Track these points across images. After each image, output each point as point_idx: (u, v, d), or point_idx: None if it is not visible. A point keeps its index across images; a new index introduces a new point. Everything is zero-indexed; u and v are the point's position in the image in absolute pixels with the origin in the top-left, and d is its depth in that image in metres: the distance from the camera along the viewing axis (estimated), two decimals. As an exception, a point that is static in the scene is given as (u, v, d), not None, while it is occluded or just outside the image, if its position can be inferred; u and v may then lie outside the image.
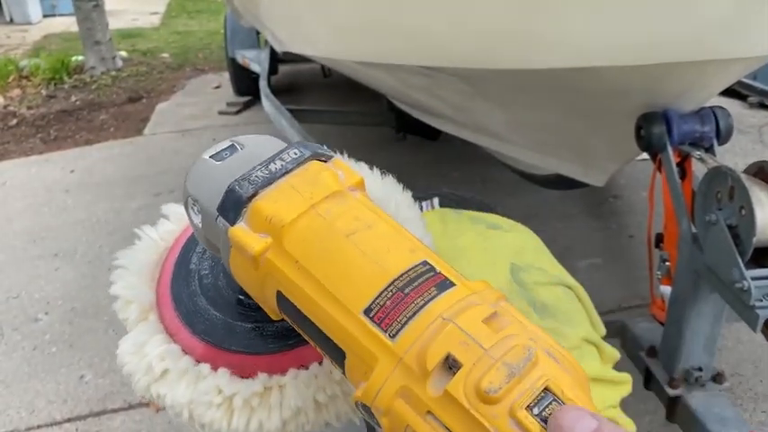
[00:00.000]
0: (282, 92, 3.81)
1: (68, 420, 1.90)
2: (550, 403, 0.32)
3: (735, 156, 3.22)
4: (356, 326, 0.36)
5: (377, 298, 0.36)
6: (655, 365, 1.47)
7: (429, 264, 0.38)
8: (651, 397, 1.48)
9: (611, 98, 1.34)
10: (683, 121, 1.31)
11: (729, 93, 3.37)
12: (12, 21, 8.22)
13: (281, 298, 0.41)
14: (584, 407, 0.32)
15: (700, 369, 1.39)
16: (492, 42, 1.22)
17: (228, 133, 4.36)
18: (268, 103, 3.32)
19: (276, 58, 4.16)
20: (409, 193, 0.58)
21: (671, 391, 1.39)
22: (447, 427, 0.32)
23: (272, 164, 0.42)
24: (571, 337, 0.95)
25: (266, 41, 4.12)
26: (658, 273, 1.57)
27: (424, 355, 0.33)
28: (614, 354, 1.03)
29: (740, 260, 1.10)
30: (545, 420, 0.31)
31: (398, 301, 0.35)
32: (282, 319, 0.48)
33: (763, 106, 3.81)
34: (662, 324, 1.58)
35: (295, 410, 0.47)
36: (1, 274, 2.68)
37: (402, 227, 0.41)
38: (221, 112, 4.54)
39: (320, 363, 0.49)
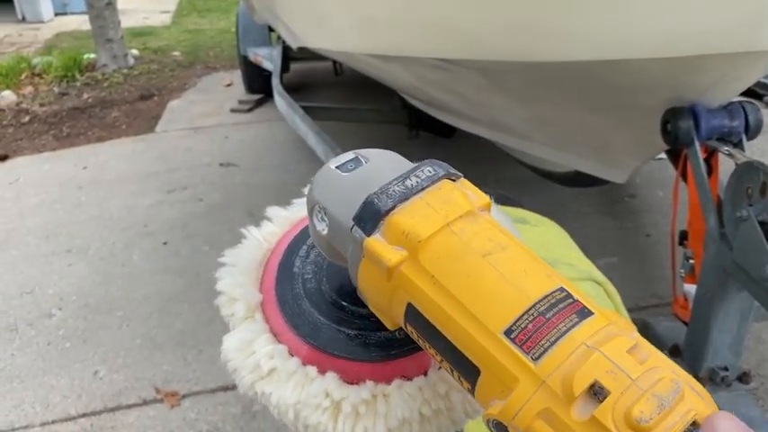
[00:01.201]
0: (294, 90, 3.79)
1: (83, 416, 1.90)
2: None
3: (752, 156, 3.19)
4: (496, 345, 0.37)
5: (518, 320, 0.37)
6: (679, 365, 1.45)
7: (566, 290, 0.38)
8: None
9: (637, 92, 1.31)
10: (712, 116, 1.28)
11: (745, 92, 3.34)
12: (24, 19, 8.27)
13: (411, 311, 0.42)
14: None
15: (726, 369, 1.36)
16: (518, 34, 1.20)
17: (241, 131, 4.37)
18: (281, 99, 3.31)
19: (289, 56, 4.16)
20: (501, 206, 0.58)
21: (696, 391, 1.37)
22: None
23: (407, 180, 0.43)
24: (601, 333, 0.93)
25: (279, 38, 4.12)
26: (681, 271, 1.54)
27: (570, 380, 0.34)
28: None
29: (772, 257, 1.08)
30: None
31: (540, 325, 0.37)
32: (384, 329, 0.49)
33: (780, 105, 3.76)
34: (685, 323, 1.56)
35: (401, 421, 0.48)
36: (14, 269, 2.68)
37: (532, 250, 0.42)
38: (233, 110, 4.53)
39: (425, 375, 0.49)
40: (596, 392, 0.33)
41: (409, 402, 0.48)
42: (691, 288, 1.49)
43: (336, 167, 0.47)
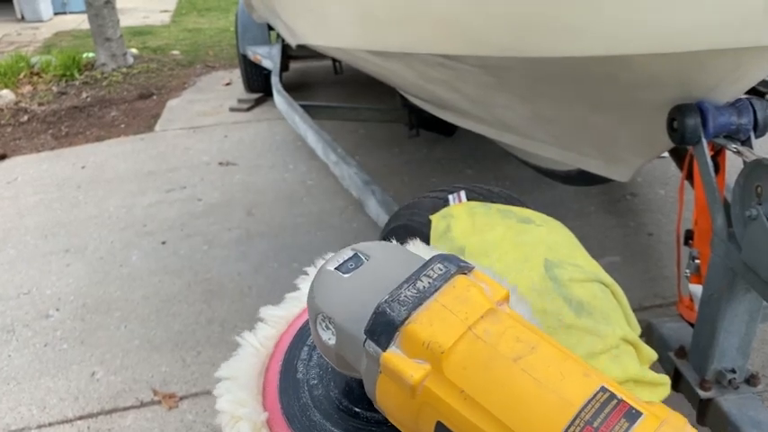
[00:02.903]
0: (293, 89, 3.77)
1: (80, 418, 1.88)
2: None
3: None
4: None
5: None
6: (684, 367, 1.42)
7: (608, 390, 0.36)
8: (680, 399, 1.44)
9: (644, 89, 1.29)
10: (719, 113, 1.26)
11: (748, 91, 3.32)
12: (23, 18, 8.24)
13: (441, 429, 0.38)
14: None
15: (733, 371, 1.34)
16: (522, 30, 1.17)
17: (240, 130, 4.35)
18: (280, 98, 3.29)
19: (288, 54, 4.14)
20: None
21: (702, 394, 1.34)
22: None
23: (418, 281, 0.40)
24: (609, 336, 0.91)
25: (278, 37, 4.10)
26: (687, 271, 1.52)
27: None
28: (652, 354, 0.98)
29: (783, 257, 1.06)
30: None
31: None
32: None
33: (783, 104, 3.73)
34: (690, 324, 1.53)
35: None
36: (12, 269, 2.66)
37: (560, 344, 0.39)
38: (232, 109, 4.51)
39: None
40: None
41: None
42: (696, 288, 1.46)
43: (336, 269, 0.44)
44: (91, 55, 5.78)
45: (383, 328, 0.39)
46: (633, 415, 0.35)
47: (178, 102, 4.86)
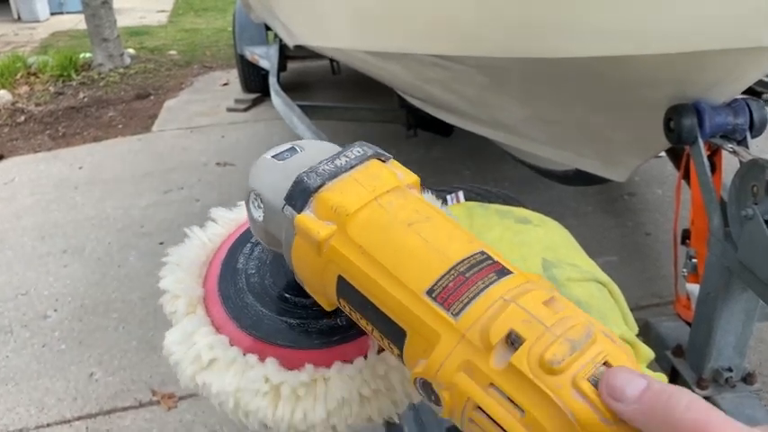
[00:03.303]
0: (290, 89, 3.77)
1: (78, 419, 1.87)
2: None
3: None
4: (419, 306, 0.38)
5: (439, 280, 0.39)
6: (682, 365, 1.43)
7: (486, 253, 0.40)
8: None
9: (640, 89, 1.29)
10: (716, 113, 1.26)
11: (744, 90, 3.34)
12: (20, 18, 8.23)
13: (342, 283, 0.43)
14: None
15: (730, 369, 1.34)
16: (519, 30, 1.18)
17: (238, 130, 4.35)
18: (278, 98, 3.29)
19: (285, 55, 4.13)
20: (431, 192, 0.60)
21: (699, 392, 1.35)
22: (509, 398, 0.34)
23: (337, 159, 0.45)
24: (606, 335, 0.91)
25: (275, 37, 4.10)
26: (684, 270, 1.52)
27: (487, 331, 0.35)
28: (649, 353, 0.99)
29: (779, 256, 1.06)
30: None
31: (460, 284, 0.38)
32: (327, 317, 0.51)
33: (779, 103, 3.75)
34: (687, 323, 1.54)
35: (340, 402, 0.49)
36: (9, 270, 2.65)
37: (457, 222, 0.44)
38: (230, 109, 4.51)
39: (365, 358, 0.51)
40: (513, 341, 0.35)
41: (348, 383, 0.49)
42: (693, 287, 1.47)
43: (272, 157, 0.49)
44: (88, 55, 5.78)
45: (299, 195, 0.44)
46: (503, 272, 0.39)
47: (175, 102, 4.86)
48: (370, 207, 0.43)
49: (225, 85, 5.21)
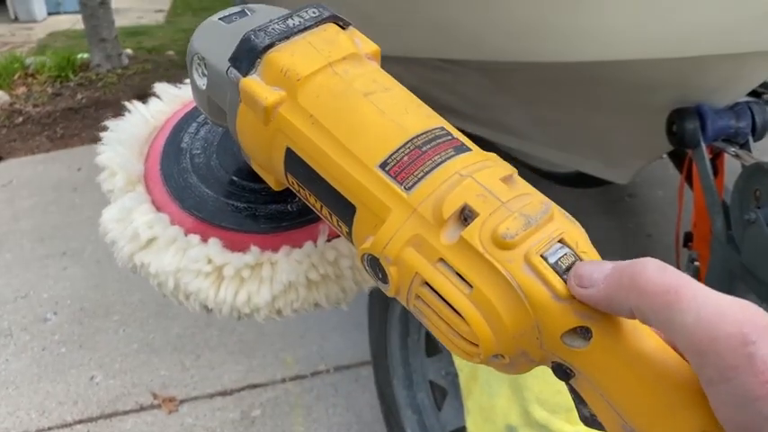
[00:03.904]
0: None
1: (79, 422, 1.87)
2: (565, 255, 0.33)
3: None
4: (370, 179, 0.37)
5: (394, 153, 0.37)
6: (684, 368, 1.43)
7: (446, 129, 0.39)
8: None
9: (643, 93, 1.30)
10: (718, 117, 1.26)
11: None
12: (16, 19, 8.20)
13: (290, 156, 0.40)
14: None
15: (732, 372, 1.34)
16: (522, 34, 1.18)
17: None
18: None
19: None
20: None
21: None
22: (458, 273, 0.33)
23: (289, 19, 0.41)
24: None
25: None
26: (686, 273, 1.52)
27: (440, 205, 0.34)
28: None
29: (782, 260, 1.06)
30: (557, 269, 0.32)
31: (416, 158, 0.36)
32: (276, 203, 0.49)
33: (778, 104, 3.75)
34: (689, 326, 1.54)
35: (286, 285, 0.47)
36: (9, 273, 2.64)
37: (416, 97, 0.41)
38: (228, 110, 4.51)
39: (314, 244, 0.49)
40: (466, 216, 0.34)
41: (295, 267, 0.47)
42: (696, 290, 1.47)
43: (220, 19, 0.45)
44: (85, 56, 5.76)
45: (245, 54, 0.40)
46: (462, 149, 0.37)
47: (174, 103, 4.85)
48: (323, 73, 0.39)
49: (223, 85, 5.20)
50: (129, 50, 6.16)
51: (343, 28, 0.42)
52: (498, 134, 1.95)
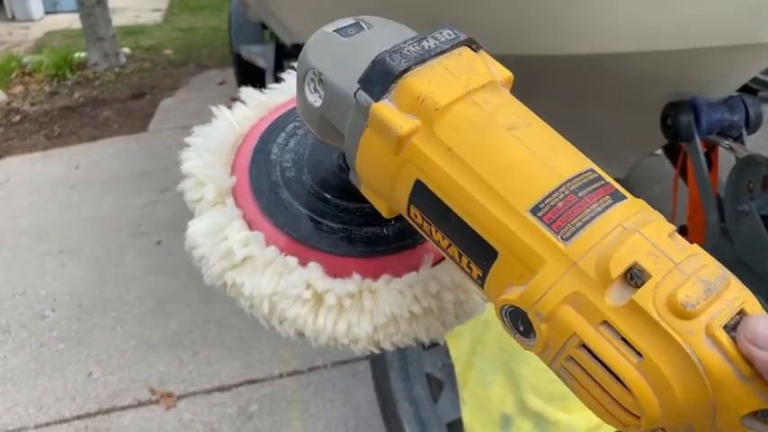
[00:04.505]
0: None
1: (77, 418, 1.88)
2: None
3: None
4: (520, 224, 0.33)
5: (547, 197, 0.34)
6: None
7: (596, 172, 0.36)
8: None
9: (638, 86, 1.30)
10: (712, 110, 1.28)
11: (740, 87, 3.37)
12: (13, 18, 8.19)
13: (419, 188, 0.37)
14: None
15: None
16: (518, 28, 1.18)
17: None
18: (275, 97, 3.28)
19: (283, 53, 4.13)
20: None
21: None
22: (625, 339, 0.30)
23: (424, 41, 0.38)
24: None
25: (272, 35, 4.09)
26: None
27: (606, 262, 0.31)
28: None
29: (775, 251, 1.07)
30: None
31: (572, 204, 0.33)
32: (372, 224, 0.46)
33: (774, 100, 3.77)
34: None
35: (389, 318, 0.44)
36: (7, 270, 2.65)
37: (556, 132, 0.38)
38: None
39: (416, 271, 0.46)
40: (634, 276, 0.31)
41: (399, 299, 0.45)
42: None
43: (334, 31, 0.42)
44: (83, 54, 5.76)
45: (379, 78, 0.37)
46: (618, 196, 0.35)
47: (171, 101, 4.85)
48: (462, 102, 0.36)
49: (221, 84, 5.20)
50: (126, 49, 6.16)
51: (475, 51, 0.40)
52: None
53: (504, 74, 0.40)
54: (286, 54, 4.18)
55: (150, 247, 2.73)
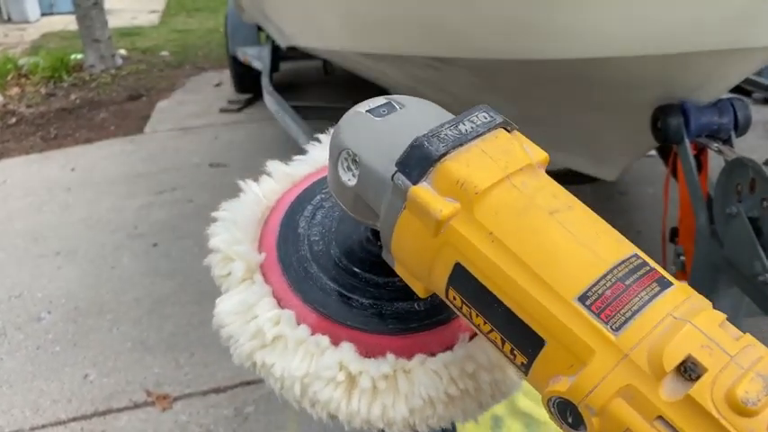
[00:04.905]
0: (283, 90, 3.78)
1: (73, 420, 1.88)
2: None
3: (740, 152, 3.21)
4: (568, 313, 0.33)
5: (593, 286, 0.33)
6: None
7: (640, 257, 0.35)
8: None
9: (628, 90, 1.32)
10: (701, 113, 1.29)
11: (734, 89, 3.39)
12: (10, 19, 8.18)
13: (459, 272, 0.37)
14: None
15: (717, 364, 1.37)
16: (508, 33, 1.20)
17: (231, 131, 4.35)
18: (271, 99, 3.29)
19: (278, 55, 4.14)
20: None
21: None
22: None
23: (461, 124, 0.38)
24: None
25: (267, 38, 4.10)
26: (672, 267, 1.55)
27: (659, 354, 0.30)
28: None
29: (762, 253, 1.09)
30: None
31: (620, 293, 0.33)
32: (401, 299, 0.45)
33: (768, 102, 3.79)
34: (676, 319, 1.56)
35: (425, 401, 0.43)
36: (2, 273, 2.65)
37: (597, 215, 0.38)
38: (222, 110, 4.51)
39: (451, 350, 0.45)
40: (689, 369, 0.30)
41: (435, 380, 0.43)
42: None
43: (367, 111, 0.42)
44: (79, 56, 5.76)
45: (417, 161, 0.37)
46: (665, 283, 0.34)
47: (168, 103, 4.85)
48: (502, 186, 0.36)
49: (217, 85, 5.21)
50: (122, 51, 6.16)
51: (509, 131, 0.40)
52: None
53: (540, 155, 0.40)
54: (281, 56, 4.21)
55: (146, 249, 2.73)
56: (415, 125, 0.39)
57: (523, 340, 0.35)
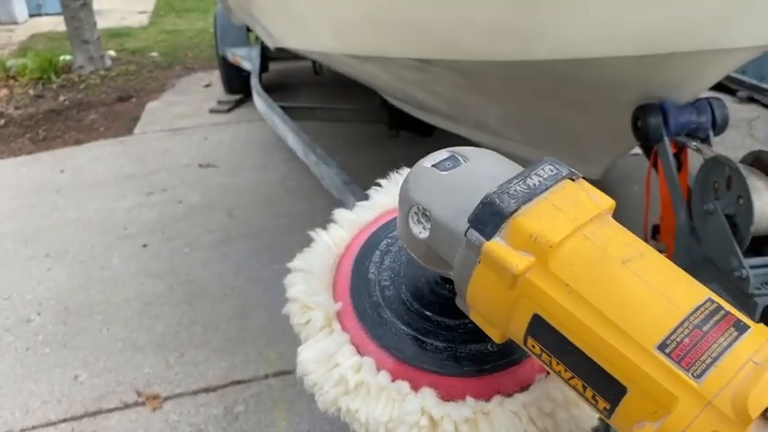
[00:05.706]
0: (273, 90, 3.79)
1: (64, 420, 1.89)
2: None
3: (725, 150, 3.23)
4: (649, 362, 0.34)
5: (672, 334, 0.34)
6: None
7: (715, 301, 0.36)
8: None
9: (608, 90, 1.34)
10: (680, 113, 1.32)
11: (718, 87, 3.42)
12: (-3, 20, 8.12)
13: (538, 323, 0.38)
14: None
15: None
16: (490, 34, 1.22)
17: (220, 132, 4.34)
18: (260, 100, 3.30)
19: (267, 56, 4.15)
20: None
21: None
22: None
23: (528, 179, 0.40)
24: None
25: (257, 39, 4.11)
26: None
27: (743, 400, 0.31)
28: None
29: (738, 249, 1.11)
30: None
31: (698, 340, 0.34)
32: (474, 341, 0.47)
33: (752, 100, 3.84)
34: (659, 315, 1.59)
35: None
36: (-8, 275, 2.65)
37: (668, 259, 0.40)
38: (212, 111, 4.51)
39: (527, 390, 0.46)
40: None
41: (514, 421, 0.44)
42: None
43: (432, 166, 0.43)
44: (68, 57, 5.74)
45: (489, 218, 0.38)
46: (741, 327, 0.35)
47: (157, 104, 4.84)
48: (574, 238, 0.38)
49: (207, 86, 5.20)
50: (111, 52, 6.14)
51: (574, 180, 0.41)
52: (473, 132, 2.00)
53: (608, 202, 0.40)
54: (270, 57, 4.22)
55: (136, 250, 2.74)
56: (482, 179, 0.40)
57: (605, 387, 0.36)
